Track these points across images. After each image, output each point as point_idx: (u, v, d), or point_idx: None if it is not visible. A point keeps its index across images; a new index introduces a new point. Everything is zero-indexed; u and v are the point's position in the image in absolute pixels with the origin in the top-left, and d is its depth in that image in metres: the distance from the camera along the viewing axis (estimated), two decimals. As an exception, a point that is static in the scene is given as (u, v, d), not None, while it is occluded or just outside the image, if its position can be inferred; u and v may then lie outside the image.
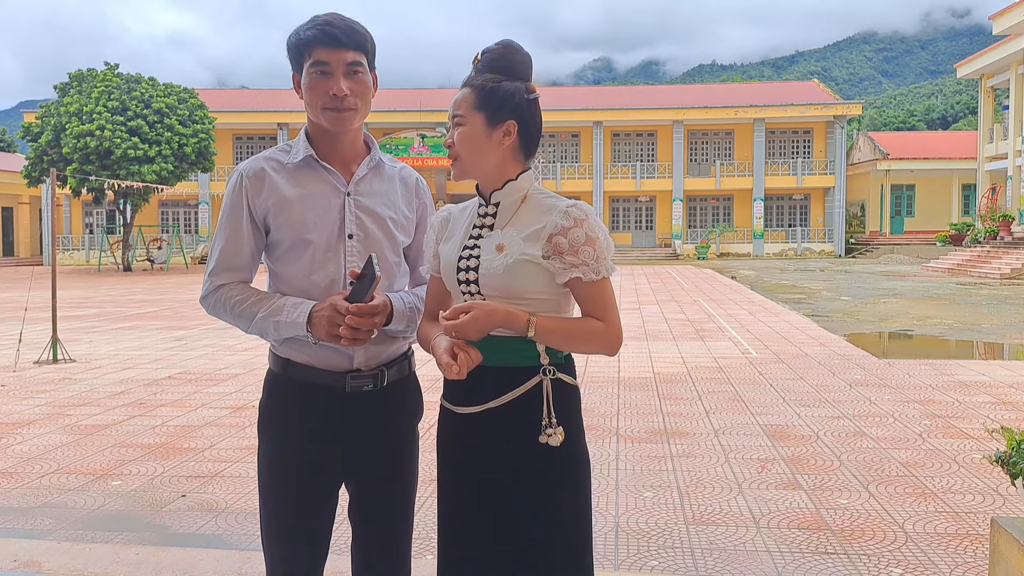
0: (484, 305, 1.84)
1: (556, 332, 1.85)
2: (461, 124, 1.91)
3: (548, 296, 1.88)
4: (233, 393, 7.44)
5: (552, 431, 1.84)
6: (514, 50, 1.94)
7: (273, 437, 2.07)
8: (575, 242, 1.84)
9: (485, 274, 1.88)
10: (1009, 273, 22.62)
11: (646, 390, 7.35)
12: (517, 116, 1.91)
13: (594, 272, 1.85)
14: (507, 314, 1.83)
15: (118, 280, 26.97)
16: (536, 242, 1.86)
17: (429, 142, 39.02)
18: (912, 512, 4.13)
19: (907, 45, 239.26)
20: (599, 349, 1.90)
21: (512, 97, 1.90)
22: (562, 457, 1.87)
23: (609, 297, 1.89)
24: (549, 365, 1.87)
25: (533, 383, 1.86)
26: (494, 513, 1.89)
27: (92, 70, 32.09)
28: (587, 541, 1.92)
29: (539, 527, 1.86)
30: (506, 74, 1.91)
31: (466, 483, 1.92)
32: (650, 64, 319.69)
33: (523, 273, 1.85)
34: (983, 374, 8.09)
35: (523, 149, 1.94)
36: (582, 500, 1.91)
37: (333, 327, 1.88)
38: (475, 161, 1.92)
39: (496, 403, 1.87)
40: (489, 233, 1.93)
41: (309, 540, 2.06)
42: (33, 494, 4.54)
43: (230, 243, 2.04)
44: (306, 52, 1.98)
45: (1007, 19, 30.56)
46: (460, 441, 1.93)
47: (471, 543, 1.91)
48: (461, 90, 1.94)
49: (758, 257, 40.60)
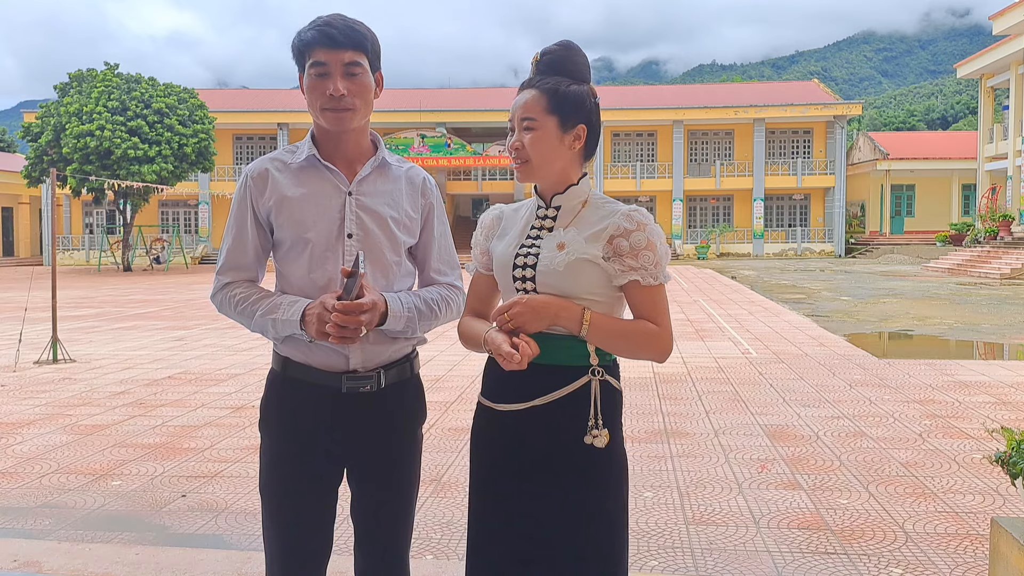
0: (541, 296, 1.84)
1: (609, 330, 1.85)
2: (532, 128, 1.88)
3: (603, 298, 1.88)
4: (233, 393, 7.44)
5: (598, 432, 1.83)
6: (575, 51, 1.92)
7: (273, 435, 2.08)
8: (636, 245, 1.84)
9: (544, 271, 1.87)
10: (1009, 273, 22.61)
11: (646, 390, 7.35)
12: (588, 120, 1.90)
13: (652, 277, 1.85)
14: (563, 306, 1.83)
15: (118, 280, 26.97)
16: (597, 243, 1.86)
17: (429, 142, 39.01)
18: (912, 512, 4.13)
19: (907, 45, 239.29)
20: (649, 353, 1.89)
21: (584, 101, 1.89)
22: (605, 459, 1.86)
23: (664, 303, 1.89)
24: (598, 366, 1.87)
25: (581, 383, 1.85)
26: (531, 511, 1.87)
27: (92, 70, 32.10)
28: (623, 544, 1.91)
29: (577, 527, 1.85)
30: (570, 76, 1.90)
31: (504, 480, 1.90)
32: (650, 64, 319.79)
33: (582, 272, 1.85)
34: (983, 374, 8.09)
35: (586, 152, 1.94)
36: (621, 504, 1.91)
37: (322, 324, 1.89)
38: (545, 165, 1.91)
39: (542, 400, 1.86)
40: (548, 234, 1.92)
41: (309, 539, 2.06)
42: (33, 494, 4.54)
43: (236, 242, 2.08)
44: (307, 53, 1.99)
45: (1007, 19, 30.55)
46: (500, 438, 1.92)
47: (505, 542, 1.89)
48: (526, 92, 1.91)
49: (758, 257, 40.59)
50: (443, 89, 50.91)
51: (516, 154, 1.92)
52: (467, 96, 47.60)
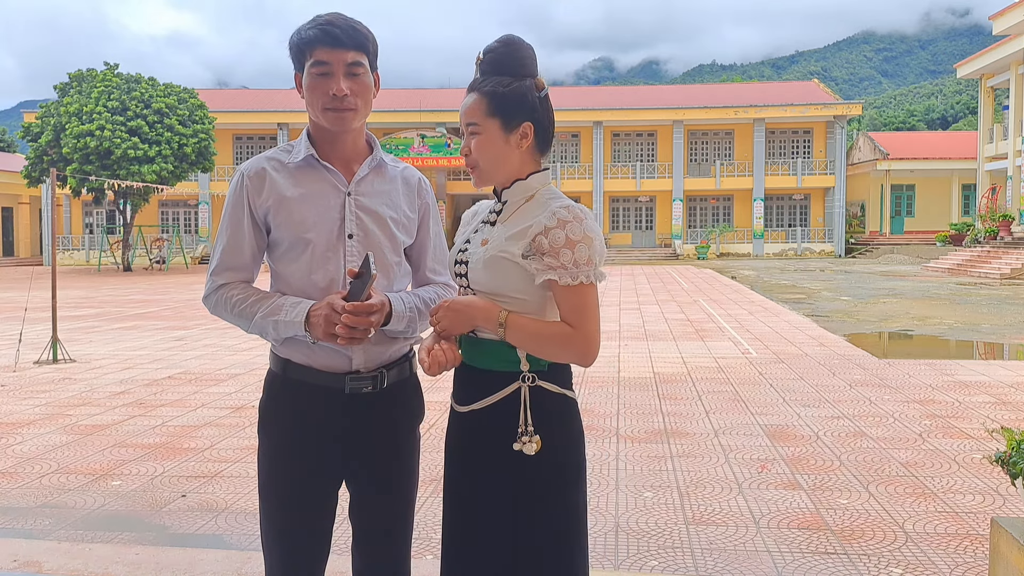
0: (463, 298, 1.86)
1: (525, 331, 1.81)
2: (476, 132, 1.87)
3: (530, 297, 1.85)
4: (233, 393, 7.44)
5: (528, 439, 1.79)
6: (517, 46, 1.89)
7: (273, 437, 2.07)
8: (555, 243, 1.79)
9: (472, 268, 1.88)
10: (1009, 273, 22.61)
11: (646, 390, 7.35)
12: (532, 117, 1.88)
13: (571, 276, 1.78)
14: (482, 308, 1.83)
15: (118, 280, 26.97)
16: (520, 240, 1.83)
17: (429, 142, 39.01)
18: (912, 512, 4.13)
19: (907, 45, 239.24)
20: (568, 356, 1.83)
21: (525, 98, 1.86)
22: (539, 467, 1.82)
23: (587, 304, 1.80)
24: (529, 372, 1.83)
25: (511, 389, 1.83)
26: (475, 515, 1.88)
27: (92, 70, 32.09)
28: (574, 552, 1.86)
29: (522, 534, 1.83)
30: (513, 73, 1.87)
31: (456, 480, 1.93)
32: (650, 64, 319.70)
33: (500, 270, 1.84)
34: (983, 374, 8.09)
35: (539, 147, 1.93)
36: (567, 512, 1.85)
37: (330, 326, 1.88)
38: (495, 167, 1.90)
39: (479, 405, 1.86)
40: (489, 229, 1.92)
41: (309, 540, 2.06)
42: (33, 494, 4.54)
43: (231, 243, 2.04)
44: (307, 52, 1.97)
45: (1007, 19, 30.56)
46: (453, 438, 1.96)
47: (461, 543, 1.91)
48: (469, 96, 1.89)
49: (758, 257, 40.59)
50: (443, 89, 50.82)
51: (467, 160, 1.91)
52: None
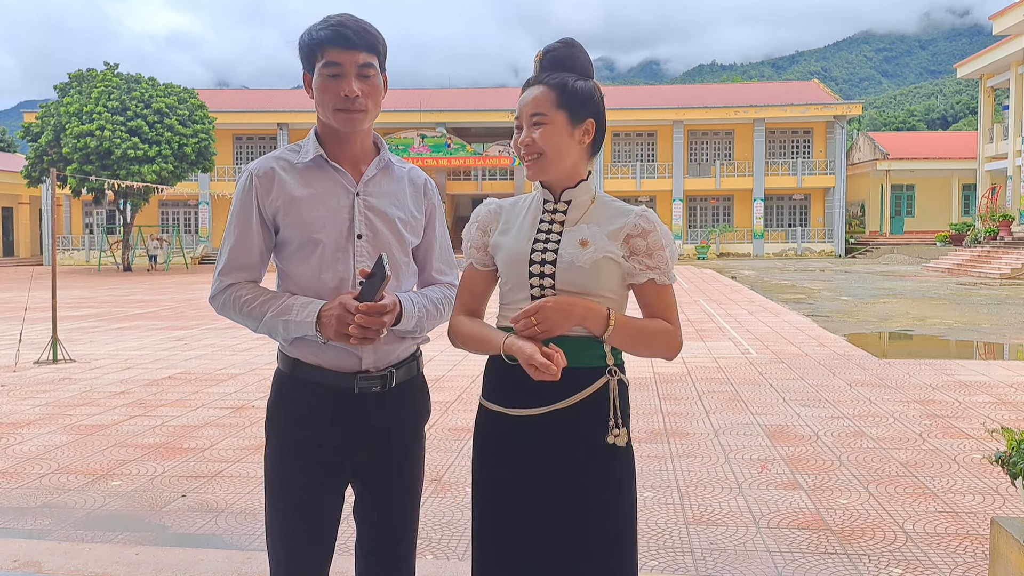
0: (567, 298, 1.83)
1: (631, 329, 1.87)
2: (542, 123, 1.89)
3: (616, 296, 1.90)
4: (233, 393, 7.44)
5: (619, 431, 1.85)
6: (578, 48, 1.94)
7: (280, 436, 2.07)
8: (653, 245, 1.88)
9: (566, 268, 1.86)
10: (1009, 273, 22.61)
11: (646, 390, 7.35)
12: (595, 115, 1.93)
13: (666, 276, 1.90)
14: (589, 307, 1.83)
15: (118, 280, 26.97)
16: (615, 241, 1.88)
17: (429, 142, 38.99)
18: (912, 512, 4.13)
19: (907, 45, 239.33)
20: (664, 351, 1.92)
21: (592, 96, 1.92)
22: (625, 457, 1.89)
23: (674, 302, 1.93)
24: (614, 365, 1.88)
25: (600, 383, 1.86)
26: (543, 511, 1.87)
27: (92, 70, 32.10)
28: (635, 536, 1.95)
29: (595, 524, 1.86)
30: (576, 72, 1.92)
31: (517, 482, 1.88)
32: (650, 64, 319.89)
33: (605, 270, 1.87)
34: (983, 374, 8.09)
35: (593, 148, 1.96)
36: (633, 497, 1.94)
37: (343, 326, 1.87)
38: (557, 159, 1.91)
39: (563, 404, 1.85)
40: (565, 229, 1.91)
41: (314, 540, 2.06)
42: (33, 494, 4.54)
43: (240, 242, 2.04)
44: (318, 52, 1.96)
45: (1007, 19, 30.56)
46: (514, 442, 1.89)
47: (520, 543, 1.89)
48: (533, 88, 1.91)
49: (758, 257, 40.59)
50: (443, 89, 50.90)
51: (527, 149, 1.91)
52: (467, 96, 47.61)
